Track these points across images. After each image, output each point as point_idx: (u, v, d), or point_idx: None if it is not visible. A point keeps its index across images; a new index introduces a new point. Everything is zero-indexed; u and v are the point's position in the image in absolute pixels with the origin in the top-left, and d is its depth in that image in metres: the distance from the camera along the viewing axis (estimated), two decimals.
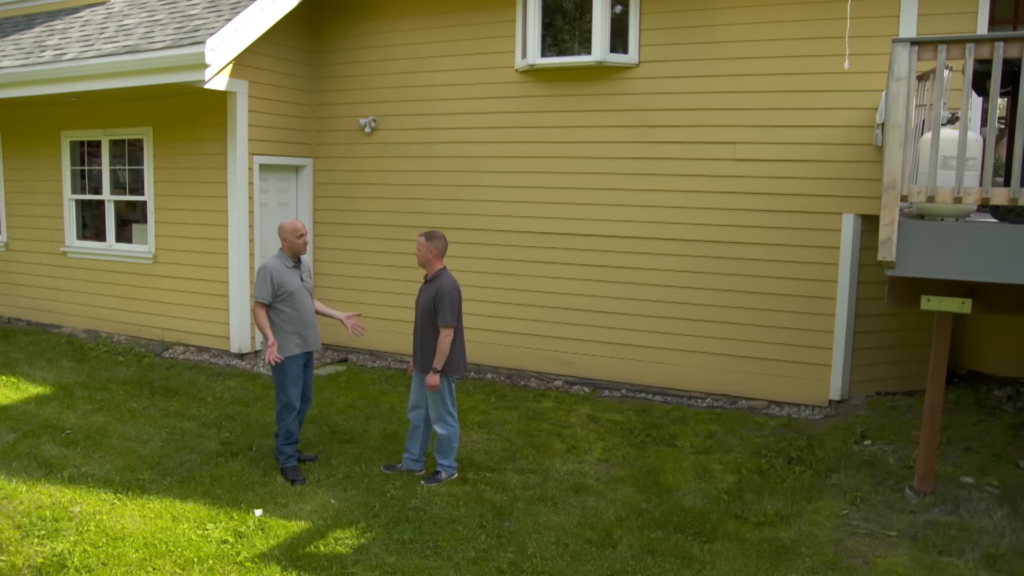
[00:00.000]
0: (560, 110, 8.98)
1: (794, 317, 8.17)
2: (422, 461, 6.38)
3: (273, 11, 9.03)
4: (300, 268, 6.31)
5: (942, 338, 5.71)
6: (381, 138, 10.05)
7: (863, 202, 7.79)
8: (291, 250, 6.24)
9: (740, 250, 8.29)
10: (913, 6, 7.51)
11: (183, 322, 10.18)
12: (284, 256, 6.24)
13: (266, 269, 6.12)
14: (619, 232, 8.78)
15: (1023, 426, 7.20)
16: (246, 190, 9.52)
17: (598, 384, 9.00)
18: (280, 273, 6.14)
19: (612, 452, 6.90)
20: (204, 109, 9.61)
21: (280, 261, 6.21)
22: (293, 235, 6.19)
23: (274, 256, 6.26)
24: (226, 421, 7.49)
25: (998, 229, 5.09)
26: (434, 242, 6.08)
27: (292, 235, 6.19)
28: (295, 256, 6.27)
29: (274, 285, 6.10)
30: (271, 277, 6.10)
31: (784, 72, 8.00)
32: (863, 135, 7.76)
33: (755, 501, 5.89)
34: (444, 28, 9.55)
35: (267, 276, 6.10)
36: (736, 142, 8.23)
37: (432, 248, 6.07)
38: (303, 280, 6.30)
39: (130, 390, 8.40)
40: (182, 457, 6.54)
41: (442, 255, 6.12)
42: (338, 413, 7.81)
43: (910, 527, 5.45)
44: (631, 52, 8.57)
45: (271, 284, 6.09)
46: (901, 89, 5.02)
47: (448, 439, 6.16)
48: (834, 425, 7.62)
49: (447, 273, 6.07)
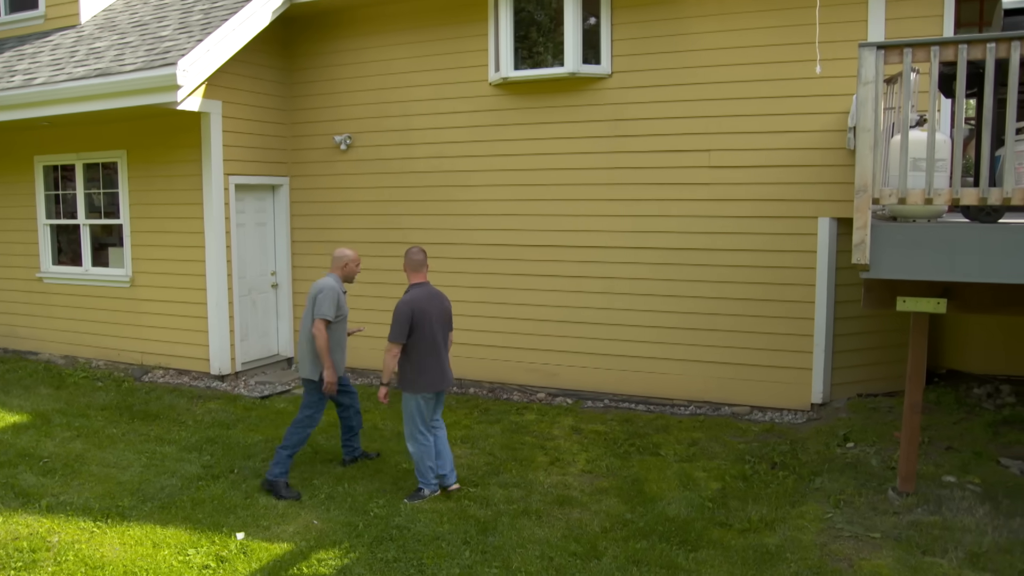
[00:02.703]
0: (535, 122, 9.00)
1: (774, 322, 8.20)
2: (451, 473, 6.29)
3: (244, 31, 9.01)
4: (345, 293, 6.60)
5: (919, 338, 5.74)
6: (357, 155, 10.04)
7: (838, 205, 7.83)
8: (346, 275, 6.54)
9: (718, 256, 8.32)
10: (880, 11, 7.59)
11: (162, 345, 10.09)
12: (338, 279, 6.50)
13: (333, 289, 6.35)
14: (598, 242, 8.79)
15: (1003, 423, 7.25)
16: (222, 211, 9.46)
17: (581, 395, 8.98)
18: (340, 295, 6.43)
19: (596, 463, 6.88)
20: (178, 130, 9.56)
21: (337, 282, 6.47)
22: (354, 262, 6.56)
23: (330, 277, 6.47)
24: (207, 444, 7.42)
25: (969, 229, 5.13)
26: (407, 257, 6.14)
27: (352, 262, 6.55)
28: (346, 280, 6.58)
29: (338, 306, 6.35)
30: (337, 298, 6.35)
31: (756, 79, 8.06)
32: (836, 139, 7.82)
33: (739, 508, 5.89)
34: (416, 43, 9.56)
35: (335, 295, 6.34)
36: (711, 149, 8.27)
37: (405, 264, 6.15)
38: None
39: (109, 416, 8.31)
40: (162, 482, 6.47)
41: (416, 269, 6.11)
42: (319, 433, 7.75)
43: (894, 528, 5.45)
44: (603, 63, 8.61)
45: (337, 304, 6.34)
46: (869, 93, 5.06)
47: (419, 457, 6.11)
48: (817, 429, 7.64)
49: (416, 288, 6.06)
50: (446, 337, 6.16)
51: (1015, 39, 4.71)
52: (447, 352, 6.17)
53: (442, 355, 6.10)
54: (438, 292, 6.16)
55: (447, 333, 6.17)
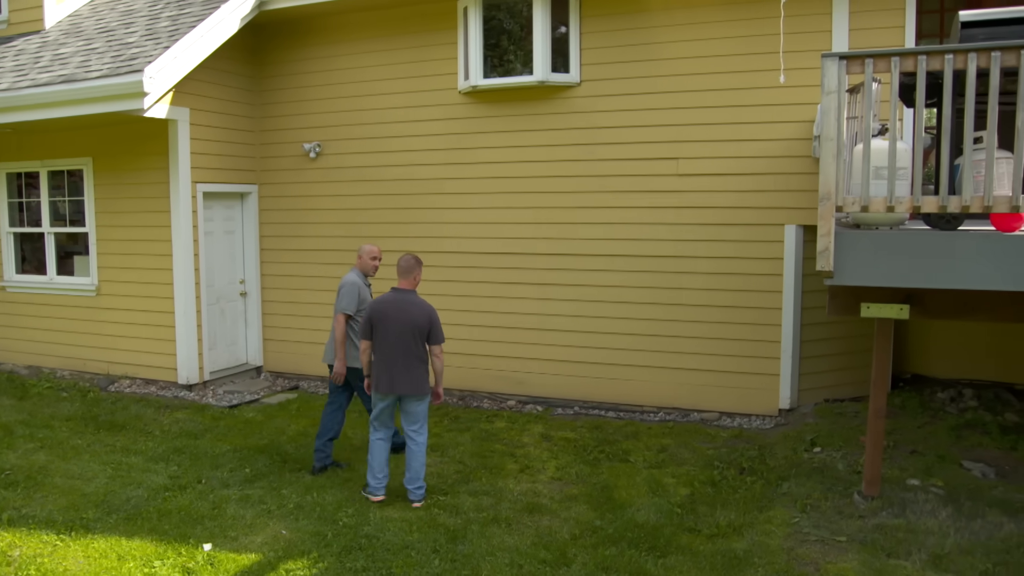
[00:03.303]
0: (504, 130, 9.03)
1: (742, 328, 8.27)
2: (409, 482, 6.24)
3: (213, 38, 8.96)
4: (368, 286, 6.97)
5: (883, 344, 5.83)
6: (326, 163, 10.00)
7: (805, 213, 7.93)
8: (363, 269, 6.93)
9: (687, 264, 8.39)
10: (844, 22, 7.71)
11: (129, 355, 9.97)
12: (361, 274, 6.90)
13: (353, 284, 6.75)
14: (567, 250, 8.83)
15: (965, 427, 7.36)
16: (190, 219, 9.39)
17: (551, 402, 9.00)
18: (362, 288, 6.81)
19: (566, 470, 6.90)
20: (145, 138, 9.47)
21: (360, 277, 6.87)
22: (369, 256, 6.94)
23: (353, 272, 6.87)
24: (174, 454, 7.34)
25: (930, 236, 5.22)
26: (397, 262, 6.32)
27: (368, 255, 6.93)
28: (366, 274, 6.95)
29: (359, 299, 6.72)
30: (358, 292, 6.72)
31: (723, 87, 8.15)
32: (802, 147, 7.92)
33: (708, 513, 5.93)
34: (386, 51, 9.56)
35: (355, 290, 6.72)
36: (679, 157, 8.34)
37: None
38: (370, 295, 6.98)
39: (74, 426, 8.19)
40: (128, 493, 6.39)
41: (400, 275, 6.19)
42: (289, 442, 7.71)
43: (859, 532, 5.52)
44: (572, 71, 8.66)
45: (358, 297, 6.71)
46: (832, 102, 5.14)
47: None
48: (784, 434, 7.71)
49: (392, 292, 6.19)
50: (408, 347, 6.04)
51: (972, 51, 4.82)
52: (406, 361, 6.05)
53: (393, 361, 6.05)
54: (412, 302, 6.09)
55: (412, 344, 6.05)
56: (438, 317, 6.15)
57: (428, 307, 6.12)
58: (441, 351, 6.17)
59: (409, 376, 6.06)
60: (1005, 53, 4.79)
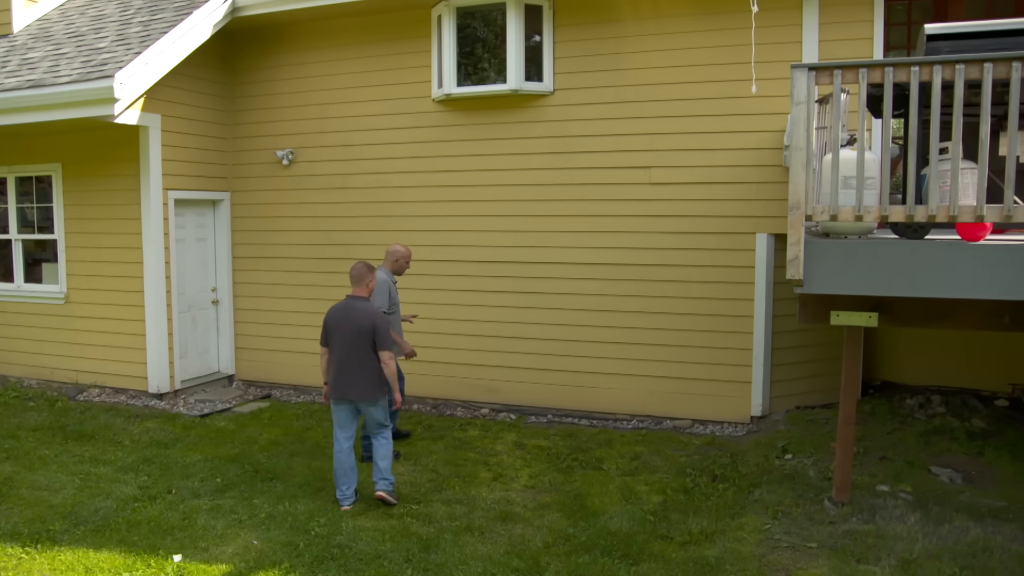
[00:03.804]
0: (478, 138, 9.04)
1: (714, 336, 8.33)
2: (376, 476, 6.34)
3: (184, 44, 8.90)
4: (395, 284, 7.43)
5: (853, 351, 5.89)
6: (299, 170, 9.96)
7: (776, 221, 8.01)
8: (396, 269, 7.39)
9: (659, 272, 8.44)
10: (814, 33, 7.82)
11: (98, 363, 9.85)
12: (389, 272, 7.32)
13: (385, 282, 7.15)
14: (540, 258, 8.85)
15: (934, 432, 7.46)
16: (161, 226, 9.30)
17: (524, 410, 9.01)
18: (392, 287, 7.26)
19: (539, 478, 6.90)
20: (116, 144, 9.38)
21: (389, 276, 7.29)
22: (404, 258, 7.43)
23: (381, 270, 7.22)
24: (144, 464, 7.25)
25: (898, 245, 5.29)
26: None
27: (403, 258, 7.42)
28: (396, 274, 7.42)
29: (390, 297, 7.16)
30: (388, 290, 7.16)
31: (695, 97, 8.22)
32: (773, 156, 8.00)
33: (680, 520, 5.95)
34: (360, 59, 9.54)
35: (385, 287, 7.13)
36: (651, 166, 8.39)
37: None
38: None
39: (41, 436, 8.07)
40: (96, 504, 6.30)
41: (351, 283, 6.33)
42: (261, 451, 7.64)
43: (830, 537, 5.57)
44: (546, 80, 8.69)
45: (388, 295, 7.15)
46: (801, 113, 5.20)
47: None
48: (756, 441, 7.77)
49: (345, 299, 6.35)
50: (356, 353, 6.12)
51: (937, 64, 4.90)
52: (356, 367, 6.13)
53: (344, 367, 6.14)
54: (359, 309, 6.18)
55: (360, 350, 6.13)
56: (385, 323, 6.20)
57: (373, 313, 6.18)
58: (390, 357, 6.18)
59: (359, 381, 6.14)
60: (969, 66, 4.87)
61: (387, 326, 6.21)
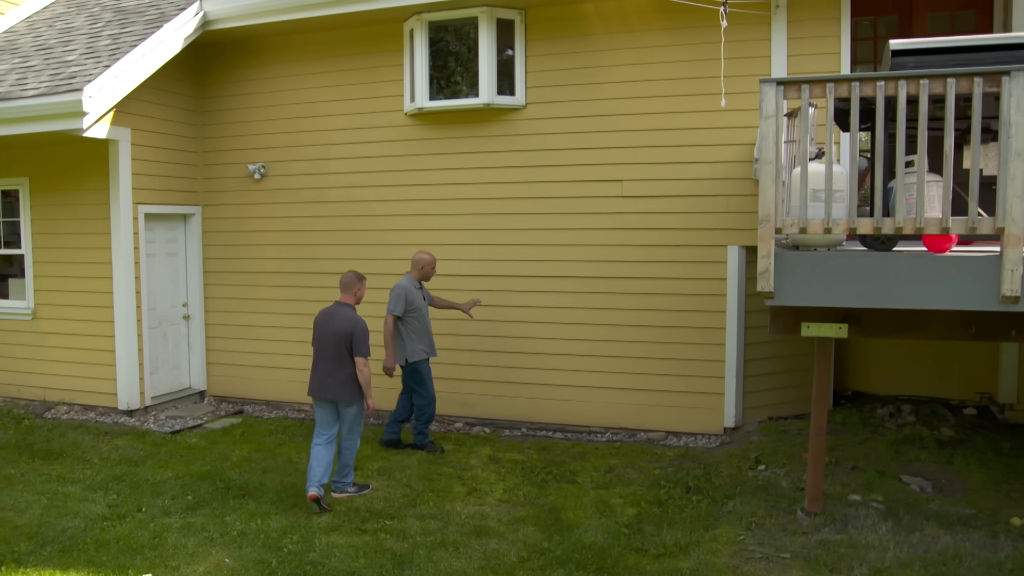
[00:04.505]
0: (450, 152, 9.05)
1: (687, 348, 8.37)
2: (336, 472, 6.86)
3: (155, 57, 8.85)
4: (421, 289, 7.93)
5: (823, 362, 5.95)
6: (271, 184, 9.91)
7: (747, 234, 8.08)
8: (423, 275, 7.93)
9: (632, 285, 8.48)
10: (783, 48, 7.92)
11: (67, 380, 9.71)
12: (414, 279, 7.90)
13: (401, 288, 7.75)
14: (513, 271, 8.86)
15: (904, 442, 7.54)
16: (131, 240, 9.21)
17: (499, 424, 8.99)
18: (411, 292, 7.77)
19: (513, 492, 6.88)
20: (85, 158, 9.29)
21: (411, 282, 7.85)
22: (430, 265, 7.97)
23: (406, 277, 7.89)
24: (113, 482, 7.15)
25: (866, 257, 5.35)
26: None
27: (429, 265, 7.96)
28: (423, 280, 7.94)
29: (407, 302, 7.69)
30: (405, 295, 7.69)
31: (667, 111, 8.29)
32: (744, 169, 8.08)
33: (655, 533, 5.96)
34: (332, 73, 9.53)
35: (402, 293, 7.71)
36: (623, 179, 8.44)
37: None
38: (424, 299, 7.93)
39: (7, 455, 7.93)
40: (64, 524, 6.19)
41: (341, 290, 6.73)
42: (232, 468, 7.56)
43: (803, 548, 5.60)
44: (518, 94, 8.73)
45: (404, 301, 7.70)
46: (770, 126, 5.26)
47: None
48: (730, 452, 7.81)
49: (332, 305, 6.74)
50: (334, 356, 6.50)
51: (902, 79, 4.98)
52: (333, 368, 6.51)
53: (322, 368, 6.56)
54: (341, 314, 6.56)
55: (337, 353, 6.50)
56: (363, 330, 6.50)
57: (353, 320, 6.51)
58: (364, 363, 6.48)
59: (334, 382, 6.52)
60: (933, 81, 4.96)
61: (365, 334, 6.49)
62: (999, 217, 4.95)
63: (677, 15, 8.11)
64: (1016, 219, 4.89)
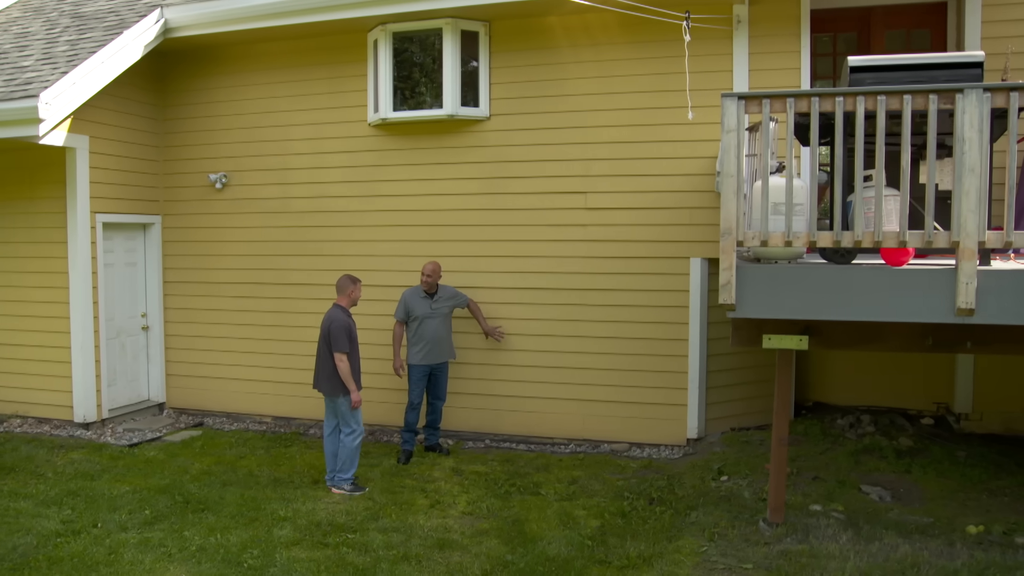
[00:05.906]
0: (415, 163, 9.03)
1: (650, 360, 8.41)
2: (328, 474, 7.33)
3: (115, 64, 8.72)
4: (432, 298, 8.19)
5: (785, 374, 6.01)
6: (233, 194, 9.81)
7: (709, 246, 8.15)
8: (425, 284, 8.15)
9: (595, 296, 8.50)
10: (744, 63, 8.01)
11: (20, 392, 9.49)
12: (419, 288, 8.23)
13: (402, 296, 8.23)
14: (476, 283, 8.84)
15: (864, 452, 7.63)
16: (89, 250, 9.04)
17: (462, 435, 8.95)
18: (413, 300, 8.17)
19: (477, 504, 6.85)
20: (41, 165, 9.11)
21: (416, 291, 8.22)
22: (436, 274, 8.20)
23: (415, 286, 8.27)
24: (68, 497, 6.99)
25: (826, 270, 5.43)
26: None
27: (428, 273, 8.15)
28: (429, 288, 8.16)
29: (407, 309, 8.13)
30: (404, 303, 8.18)
31: (631, 123, 8.34)
32: (706, 182, 8.15)
33: (618, 544, 5.96)
34: (295, 83, 9.47)
35: (403, 302, 8.21)
36: (587, 191, 8.48)
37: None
38: (432, 308, 8.16)
39: None
40: (15, 541, 6.04)
41: (337, 292, 7.29)
42: (192, 481, 7.44)
43: (765, 558, 5.64)
44: (482, 105, 8.74)
45: (404, 308, 8.16)
46: (732, 140, 5.31)
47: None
48: (693, 463, 7.85)
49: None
50: (322, 352, 7.14)
51: (860, 95, 5.07)
52: (323, 364, 7.14)
53: (317, 363, 7.21)
54: (328, 314, 7.15)
55: (324, 349, 7.12)
56: (340, 327, 7.00)
57: (336, 318, 7.04)
58: (339, 357, 6.98)
59: (322, 377, 7.14)
60: (890, 97, 5.05)
61: (340, 331, 6.98)
62: (954, 231, 5.04)
63: (641, 29, 8.18)
64: (970, 233, 4.99)
